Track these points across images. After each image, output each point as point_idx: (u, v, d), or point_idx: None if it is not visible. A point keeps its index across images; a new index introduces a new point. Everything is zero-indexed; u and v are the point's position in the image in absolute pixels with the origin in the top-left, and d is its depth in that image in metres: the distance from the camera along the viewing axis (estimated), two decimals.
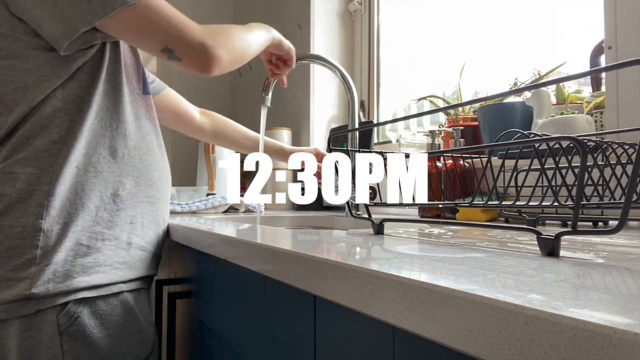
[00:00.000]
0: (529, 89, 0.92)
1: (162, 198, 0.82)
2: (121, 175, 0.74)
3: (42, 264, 0.65)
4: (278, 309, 0.52)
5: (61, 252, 0.67)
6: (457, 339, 0.24)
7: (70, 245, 0.68)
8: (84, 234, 0.69)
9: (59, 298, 0.66)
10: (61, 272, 0.66)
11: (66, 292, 0.66)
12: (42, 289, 0.65)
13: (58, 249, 0.66)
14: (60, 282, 0.66)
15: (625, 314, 0.19)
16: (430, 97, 1.32)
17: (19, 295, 0.64)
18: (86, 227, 0.69)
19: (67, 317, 0.66)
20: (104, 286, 0.70)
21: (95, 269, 0.69)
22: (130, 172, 0.75)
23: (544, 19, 1.19)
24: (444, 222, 0.53)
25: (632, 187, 0.31)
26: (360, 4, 1.79)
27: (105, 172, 0.72)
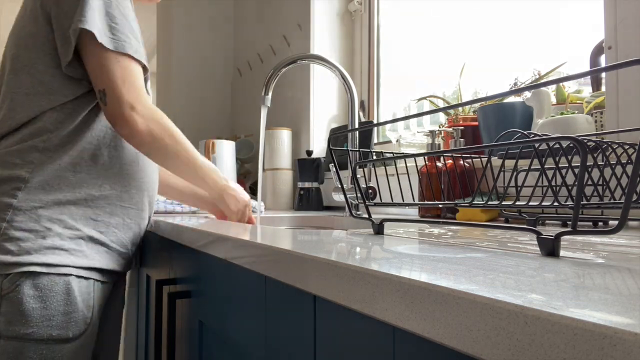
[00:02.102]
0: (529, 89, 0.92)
1: (136, 205, 0.91)
2: (99, 179, 0.84)
3: (5, 236, 0.76)
4: (278, 309, 0.52)
5: (25, 230, 0.76)
6: (457, 339, 0.24)
7: (34, 225, 0.77)
8: (49, 219, 0.78)
9: (12, 267, 0.75)
10: (21, 247, 0.76)
11: (20, 264, 0.75)
12: (1, 258, 0.75)
13: (22, 227, 0.76)
14: (18, 255, 0.76)
15: (625, 314, 0.19)
16: (430, 97, 1.32)
17: None
18: (53, 214, 0.79)
19: (10, 283, 0.75)
20: (53, 265, 0.78)
21: (51, 250, 0.78)
22: (109, 178, 0.86)
23: (544, 19, 1.19)
24: (444, 222, 0.53)
25: (632, 187, 0.31)
26: (360, 4, 1.79)
27: (84, 174, 0.83)
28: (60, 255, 0.78)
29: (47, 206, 0.79)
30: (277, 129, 1.77)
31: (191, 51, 2.40)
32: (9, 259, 0.75)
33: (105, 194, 0.85)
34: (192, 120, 2.32)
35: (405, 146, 1.40)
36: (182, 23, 2.40)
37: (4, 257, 0.75)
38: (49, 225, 0.79)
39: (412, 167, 1.13)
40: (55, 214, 0.79)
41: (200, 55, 2.44)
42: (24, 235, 0.77)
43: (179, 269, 0.95)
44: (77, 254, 0.81)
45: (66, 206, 0.81)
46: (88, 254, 0.82)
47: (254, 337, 0.58)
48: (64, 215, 0.80)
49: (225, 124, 2.50)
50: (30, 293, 0.76)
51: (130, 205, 0.89)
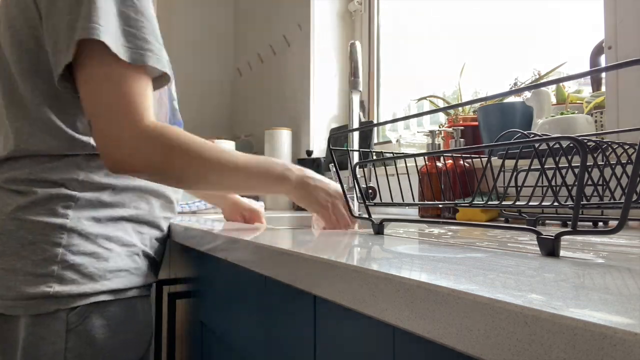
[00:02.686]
0: (529, 89, 0.92)
1: (170, 214, 0.85)
2: (146, 193, 0.77)
3: (65, 263, 0.66)
4: (278, 309, 0.52)
5: (84, 254, 0.68)
6: (457, 339, 0.24)
7: (93, 247, 0.69)
8: (106, 238, 0.71)
9: (80, 299, 0.66)
10: (84, 274, 0.67)
11: (88, 294, 0.67)
12: (66, 289, 0.65)
13: (81, 250, 0.68)
14: (84, 284, 0.67)
15: (625, 314, 0.19)
16: (430, 97, 1.32)
17: (42, 293, 0.64)
18: (109, 232, 0.71)
19: (78, 316, 0.66)
20: (120, 291, 0.71)
21: (115, 274, 0.71)
22: (154, 193, 0.79)
23: (544, 19, 1.19)
24: (444, 222, 0.53)
25: (632, 187, 0.31)
26: (360, 4, 1.79)
27: (132, 188, 0.75)
28: (124, 278, 0.71)
29: (100, 223, 0.71)
30: (277, 129, 1.77)
31: (191, 51, 2.40)
32: (74, 289, 0.66)
33: (152, 208, 0.79)
34: (192, 120, 2.32)
35: (405, 146, 1.40)
36: (182, 23, 2.41)
37: (67, 287, 0.65)
38: (108, 245, 0.71)
39: (412, 167, 1.13)
40: (111, 231, 0.71)
41: (200, 55, 2.44)
42: (85, 260, 0.67)
43: (179, 269, 0.95)
44: (137, 273, 0.74)
45: (119, 222, 0.73)
46: (144, 270, 0.76)
47: (254, 337, 0.58)
48: (119, 231, 0.72)
49: (225, 124, 2.50)
50: (99, 323, 0.68)
51: (165, 215, 0.83)
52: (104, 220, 0.71)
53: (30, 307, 0.64)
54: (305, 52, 1.83)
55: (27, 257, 0.65)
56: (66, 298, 0.65)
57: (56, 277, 0.65)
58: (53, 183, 0.68)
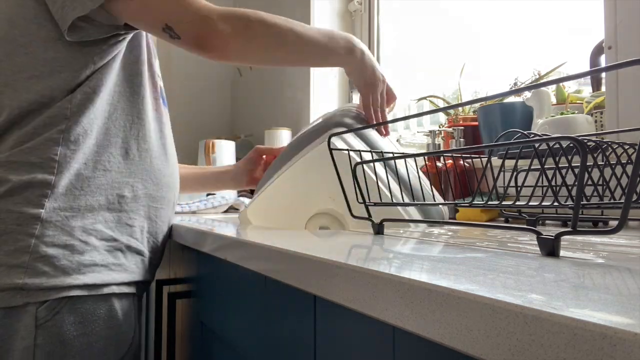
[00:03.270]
0: (529, 89, 0.92)
1: (167, 205, 0.81)
2: (130, 177, 0.73)
3: (36, 255, 0.64)
4: (278, 309, 0.52)
5: (58, 246, 0.65)
6: (457, 339, 0.24)
7: (68, 239, 0.66)
8: (84, 230, 0.68)
9: (50, 293, 0.64)
10: (57, 266, 0.64)
11: (59, 288, 0.64)
12: (36, 281, 0.63)
13: (55, 242, 0.65)
14: (55, 277, 0.64)
15: (625, 314, 0.19)
16: (430, 97, 1.32)
17: (11, 284, 0.62)
18: (87, 224, 0.68)
19: (47, 310, 0.64)
20: (95, 286, 0.67)
21: (91, 268, 0.67)
22: (139, 175, 0.75)
23: (544, 19, 1.19)
24: (444, 222, 0.53)
25: (632, 187, 0.31)
26: (360, 4, 1.79)
27: (114, 172, 0.71)
28: (101, 273, 0.68)
29: (78, 214, 0.67)
30: (277, 129, 1.77)
31: None
32: (45, 282, 0.63)
33: (137, 194, 0.74)
34: (192, 120, 2.32)
35: (405, 146, 1.40)
36: None
37: (38, 280, 0.63)
38: (85, 238, 0.67)
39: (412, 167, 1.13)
40: (89, 223, 0.68)
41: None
42: (58, 252, 0.65)
43: (179, 269, 0.95)
44: (117, 269, 0.70)
45: (99, 212, 0.69)
46: (127, 266, 0.72)
47: (254, 337, 0.58)
48: (99, 223, 0.69)
49: (225, 124, 2.50)
50: (71, 320, 0.65)
51: (162, 206, 0.79)
52: (82, 210, 0.68)
53: (1, 299, 0.62)
54: None
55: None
56: (35, 291, 0.63)
57: (26, 268, 0.63)
58: (30, 165, 0.66)
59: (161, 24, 0.67)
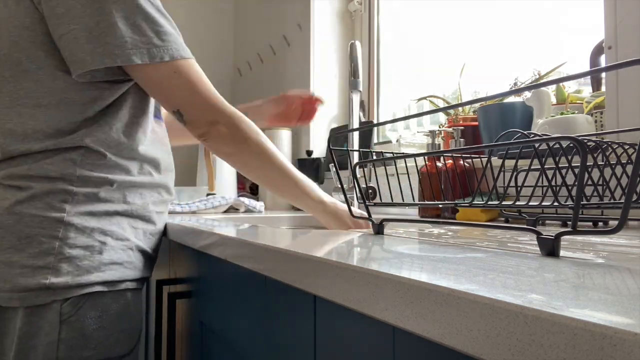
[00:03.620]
0: (529, 89, 0.92)
1: (165, 212, 0.88)
2: (139, 189, 0.78)
3: (60, 256, 0.68)
4: (278, 309, 0.52)
5: (80, 247, 0.70)
6: (457, 339, 0.24)
7: (89, 241, 0.71)
8: (103, 232, 0.73)
9: (75, 290, 0.68)
10: (80, 266, 0.69)
11: (83, 285, 0.69)
12: (62, 280, 0.67)
13: (77, 243, 0.69)
14: (78, 275, 0.69)
15: (625, 314, 0.19)
16: (430, 97, 1.32)
17: (38, 284, 0.66)
18: (105, 226, 0.73)
19: (71, 306, 0.68)
20: (113, 282, 0.73)
21: (109, 266, 0.72)
22: (147, 187, 0.80)
23: (544, 19, 1.19)
24: (444, 222, 0.53)
25: (632, 187, 0.31)
26: (360, 4, 1.79)
27: (127, 183, 0.76)
28: (117, 271, 0.73)
29: (97, 218, 0.72)
30: (277, 129, 1.77)
31: (191, 51, 2.40)
32: (70, 280, 0.68)
33: (145, 202, 0.80)
34: None
35: (405, 146, 1.40)
36: (182, 22, 2.40)
37: (64, 279, 0.67)
38: (103, 239, 0.72)
39: (412, 167, 1.13)
40: (106, 225, 0.73)
41: (200, 55, 2.44)
42: (81, 252, 0.70)
43: (179, 269, 0.95)
44: (130, 266, 0.76)
45: (114, 216, 0.75)
46: (137, 264, 0.77)
47: (254, 337, 0.58)
48: (114, 226, 0.74)
49: None
50: (92, 314, 0.70)
51: (162, 210, 0.85)
52: (100, 214, 0.73)
53: (26, 298, 0.66)
54: (305, 52, 1.83)
55: (23, 250, 0.67)
56: (61, 289, 0.67)
57: (52, 269, 0.67)
58: (50, 179, 0.70)
59: (173, 107, 0.74)
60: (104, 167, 0.74)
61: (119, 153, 0.75)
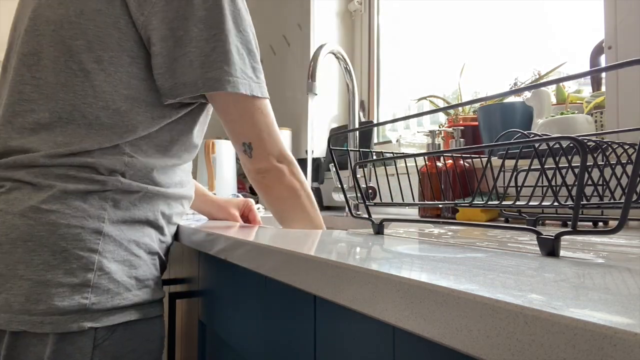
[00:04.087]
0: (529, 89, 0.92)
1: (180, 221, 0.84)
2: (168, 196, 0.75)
3: (100, 272, 0.62)
4: (278, 309, 0.52)
5: (118, 261, 0.65)
6: (457, 339, 0.24)
7: (125, 254, 0.66)
8: (135, 243, 0.68)
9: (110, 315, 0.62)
10: (118, 282, 0.64)
11: (117, 309, 0.63)
12: (102, 299, 0.61)
13: (115, 256, 0.64)
14: (118, 294, 0.63)
15: (625, 314, 0.19)
16: (430, 97, 1.32)
17: (77, 305, 0.60)
18: (139, 237, 0.68)
19: (106, 330, 0.62)
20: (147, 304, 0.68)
21: (143, 282, 0.68)
22: (179, 199, 0.78)
23: (544, 18, 1.19)
24: (444, 222, 0.53)
25: (632, 187, 0.31)
26: (360, 4, 1.79)
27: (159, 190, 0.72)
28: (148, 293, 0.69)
29: (131, 227, 0.68)
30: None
31: None
32: (108, 303, 0.62)
33: (172, 212, 0.77)
34: None
35: (405, 146, 1.40)
36: None
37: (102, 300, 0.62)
38: (138, 252, 0.68)
39: (412, 167, 1.13)
40: (140, 236, 0.69)
41: None
42: (118, 268, 0.64)
43: (179, 269, 0.95)
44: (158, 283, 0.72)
45: (145, 226, 0.70)
46: (159, 280, 0.73)
47: (254, 337, 0.58)
48: (146, 237, 0.70)
49: None
50: (124, 337, 0.64)
51: (178, 222, 0.82)
52: (133, 223, 0.68)
53: (60, 323, 0.59)
54: (305, 52, 1.83)
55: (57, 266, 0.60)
56: (101, 312, 0.61)
57: (92, 287, 0.61)
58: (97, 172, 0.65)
59: (245, 140, 0.73)
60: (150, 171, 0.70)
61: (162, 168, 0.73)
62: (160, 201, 0.73)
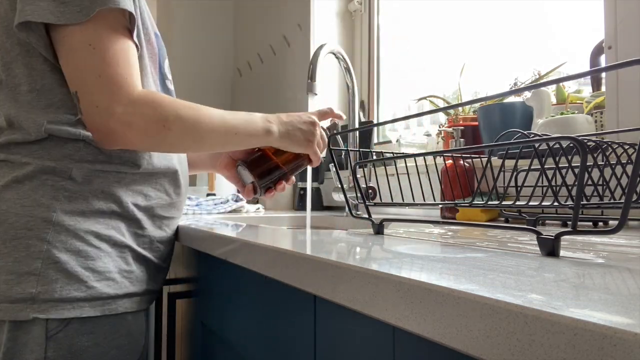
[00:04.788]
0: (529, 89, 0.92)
1: (177, 214, 0.78)
2: (144, 184, 0.69)
3: (49, 261, 0.60)
4: (278, 309, 0.52)
5: (70, 251, 0.61)
6: (457, 339, 0.24)
7: (80, 244, 0.62)
8: (98, 236, 0.64)
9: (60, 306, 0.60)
10: (70, 272, 0.61)
11: (69, 300, 0.60)
12: (49, 289, 0.59)
13: (67, 246, 0.61)
14: (68, 284, 0.60)
15: (625, 314, 0.19)
16: (430, 97, 1.31)
17: (24, 294, 0.59)
18: (100, 229, 0.64)
19: (58, 321, 0.60)
20: (106, 298, 0.63)
21: (104, 275, 0.64)
22: (155, 182, 0.71)
23: (544, 18, 1.19)
24: (444, 222, 0.53)
25: (632, 187, 0.31)
26: (360, 4, 1.79)
27: (129, 179, 0.67)
28: (111, 287, 0.64)
29: (90, 218, 0.63)
30: None
31: (191, 51, 2.40)
32: (56, 293, 0.59)
33: (151, 204, 0.70)
34: None
35: (405, 146, 1.40)
36: (182, 23, 2.40)
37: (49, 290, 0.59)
38: (98, 244, 0.63)
39: (412, 167, 1.13)
40: (102, 228, 0.64)
41: (200, 55, 2.44)
42: (70, 259, 0.61)
43: (179, 269, 0.95)
44: (130, 277, 0.67)
45: (112, 218, 0.65)
46: (138, 275, 0.68)
47: (254, 337, 0.58)
48: (112, 230, 0.65)
49: None
50: (82, 330, 0.61)
51: (172, 215, 0.75)
52: (95, 214, 0.64)
53: (9, 311, 0.58)
54: (305, 52, 1.83)
55: (8, 254, 0.59)
56: (48, 302, 0.59)
57: (39, 276, 0.59)
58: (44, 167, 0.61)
59: (72, 88, 0.60)
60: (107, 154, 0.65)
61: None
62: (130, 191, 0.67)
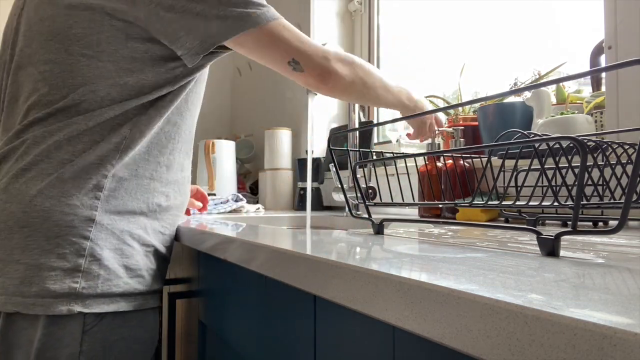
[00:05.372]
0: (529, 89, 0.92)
1: (182, 213, 0.84)
2: (167, 187, 0.76)
3: (91, 258, 0.64)
4: (278, 309, 0.52)
5: (110, 248, 0.66)
6: (457, 339, 0.24)
7: (117, 242, 0.67)
8: (131, 235, 0.69)
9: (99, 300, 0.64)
10: (110, 269, 0.65)
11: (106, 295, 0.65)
12: (92, 284, 0.63)
13: (107, 244, 0.66)
14: (108, 280, 0.65)
15: (625, 314, 0.19)
16: (430, 97, 1.31)
17: (68, 289, 0.62)
18: (132, 228, 0.69)
19: (95, 316, 0.64)
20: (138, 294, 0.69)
21: (136, 272, 0.69)
22: (174, 186, 0.77)
23: (544, 18, 1.19)
24: (444, 222, 0.53)
25: (632, 187, 0.31)
26: (360, 4, 1.79)
27: (157, 181, 0.73)
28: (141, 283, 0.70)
29: (124, 217, 0.69)
30: (277, 129, 1.77)
31: None
32: (98, 289, 0.64)
33: (170, 204, 0.77)
34: None
35: (405, 146, 1.40)
36: None
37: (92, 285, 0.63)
38: (131, 242, 0.69)
39: (412, 167, 1.13)
40: (133, 227, 0.70)
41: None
42: (110, 256, 0.66)
43: (179, 269, 0.95)
44: (154, 275, 0.73)
45: (140, 217, 0.71)
46: (158, 272, 0.74)
47: (254, 337, 0.58)
48: (140, 229, 0.71)
49: (225, 124, 2.50)
50: (114, 324, 0.66)
51: (179, 214, 0.81)
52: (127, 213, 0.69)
53: (51, 305, 0.61)
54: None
55: (51, 251, 0.62)
56: (91, 297, 0.63)
57: (83, 272, 0.63)
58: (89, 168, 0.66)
59: (288, 58, 0.74)
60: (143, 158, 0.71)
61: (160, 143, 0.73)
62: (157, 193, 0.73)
